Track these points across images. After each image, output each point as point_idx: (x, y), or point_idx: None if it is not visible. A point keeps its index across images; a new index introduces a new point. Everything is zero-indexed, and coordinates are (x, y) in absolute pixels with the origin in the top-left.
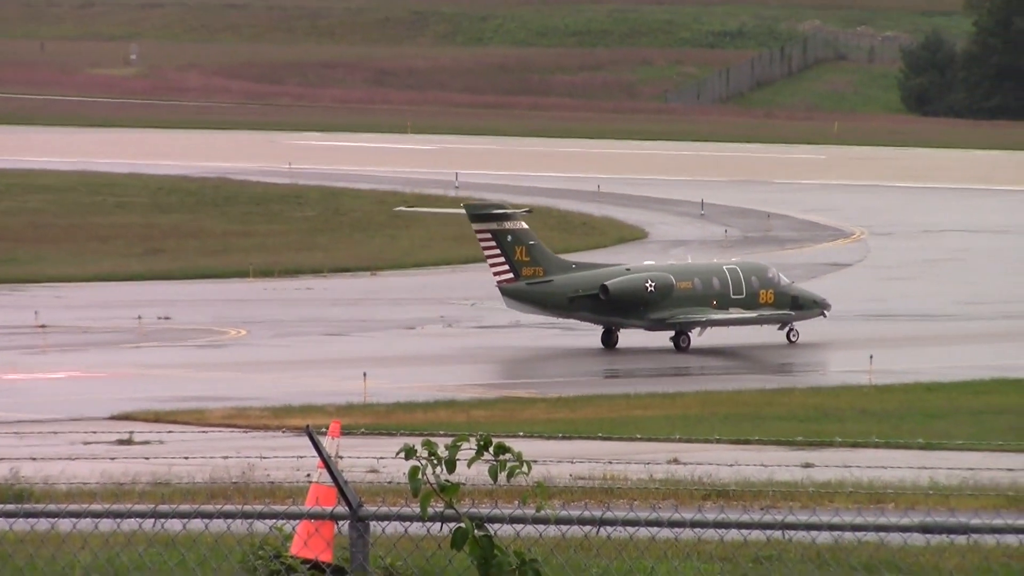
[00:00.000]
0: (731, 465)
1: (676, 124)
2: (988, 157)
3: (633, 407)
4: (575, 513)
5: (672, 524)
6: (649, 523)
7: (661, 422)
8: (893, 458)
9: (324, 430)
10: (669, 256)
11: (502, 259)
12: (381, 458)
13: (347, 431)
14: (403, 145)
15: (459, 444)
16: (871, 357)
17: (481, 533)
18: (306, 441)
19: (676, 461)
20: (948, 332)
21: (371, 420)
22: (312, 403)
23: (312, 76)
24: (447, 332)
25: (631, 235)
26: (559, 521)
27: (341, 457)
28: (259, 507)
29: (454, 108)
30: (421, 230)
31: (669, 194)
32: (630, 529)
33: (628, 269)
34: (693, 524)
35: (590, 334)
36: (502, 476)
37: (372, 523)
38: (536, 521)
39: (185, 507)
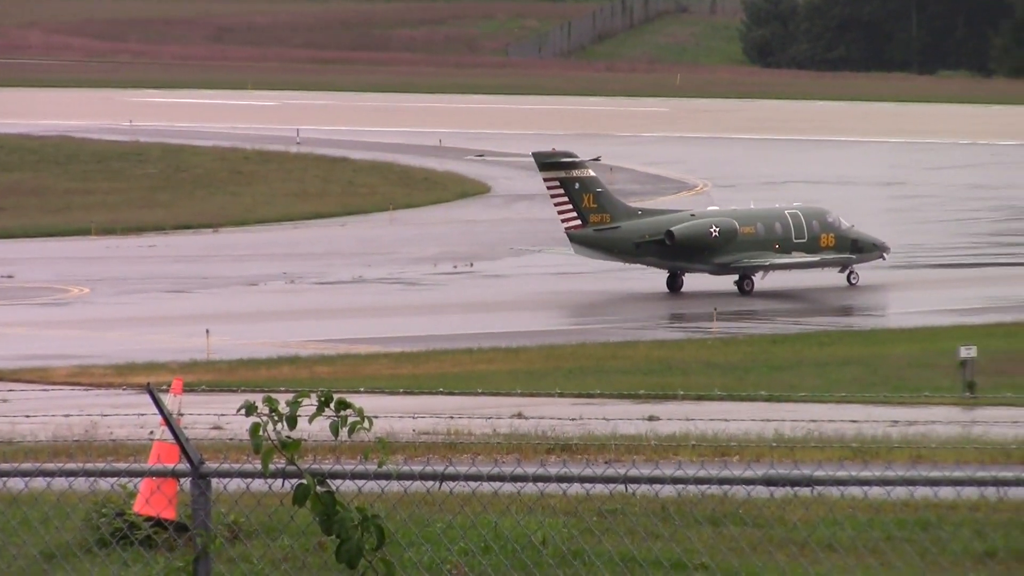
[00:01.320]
0: (575, 419)
1: (518, 78)
2: (831, 108)
3: (477, 362)
4: (417, 468)
5: (515, 479)
6: (492, 478)
7: (505, 376)
8: (738, 411)
9: (166, 388)
10: (511, 209)
11: (570, 206)
12: (223, 415)
13: (190, 388)
14: (244, 102)
15: (300, 400)
16: (715, 310)
17: (323, 489)
18: (149, 399)
19: (520, 415)
20: (785, 282)
21: (214, 377)
22: (155, 360)
23: (152, 33)
24: (290, 288)
25: (473, 190)
26: (401, 476)
27: (183, 415)
28: (101, 465)
29: (295, 64)
30: (263, 186)
31: (511, 147)
32: (473, 484)
33: (693, 215)
34: (536, 478)
35: (433, 289)
36: (343, 432)
37: (214, 480)
38: (378, 477)
39: (27, 465)
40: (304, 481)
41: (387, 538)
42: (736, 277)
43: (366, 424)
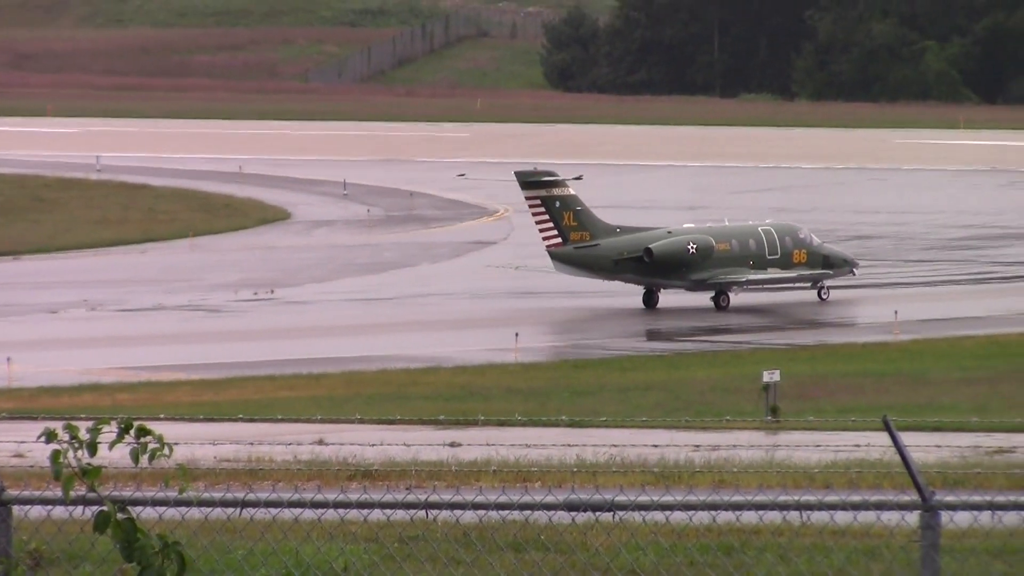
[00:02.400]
0: (376, 445)
1: (318, 104)
2: (634, 132)
3: (279, 388)
4: (218, 495)
5: (315, 505)
6: (292, 504)
7: (306, 403)
8: (540, 436)
9: None
10: (312, 236)
11: (551, 224)
12: (24, 442)
13: None
14: (44, 128)
15: (100, 427)
16: (516, 335)
17: (124, 516)
18: None
19: (321, 442)
20: (595, 310)
21: (15, 404)
22: None
23: None
24: (91, 315)
25: (274, 216)
26: (202, 503)
27: None
28: None
29: (95, 91)
30: (64, 213)
31: (312, 174)
32: (274, 511)
33: (670, 232)
34: (336, 505)
35: (234, 316)
36: (144, 459)
37: (16, 507)
38: (179, 504)
39: None
40: (105, 508)
41: (188, 565)
42: (712, 293)
43: (166, 451)
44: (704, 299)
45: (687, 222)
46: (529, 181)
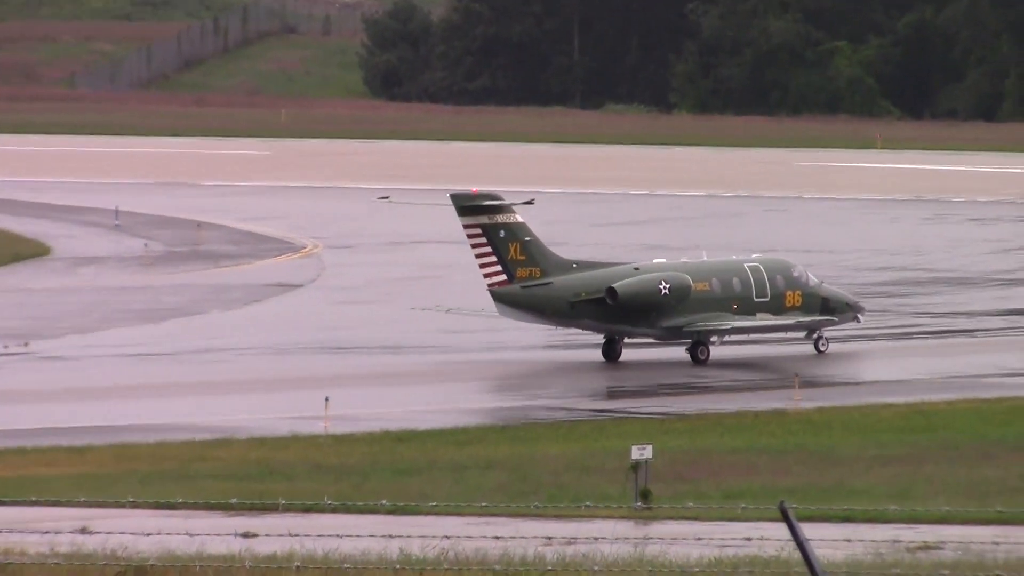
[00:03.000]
0: (152, 535)
1: (86, 113)
2: (474, 149)
3: (33, 463)
4: None
5: None
6: None
7: (68, 482)
8: (354, 525)
9: None
10: (76, 275)
11: (493, 258)
12: None
13: None
14: None
15: None
16: (327, 400)
17: None
18: None
19: (85, 530)
20: (423, 368)
21: None
22: None
23: None
24: None
25: (29, 251)
26: None
27: None
28: None
29: None
30: None
31: (77, 200)
32: None
33: (637, 268)
34: None
35: None
36: None
37: None
38: None
39: None
40: None
41: None
42: (688, 343)
43: None
44: (676, 351)
45: (652, 257)
46: (467, 206)
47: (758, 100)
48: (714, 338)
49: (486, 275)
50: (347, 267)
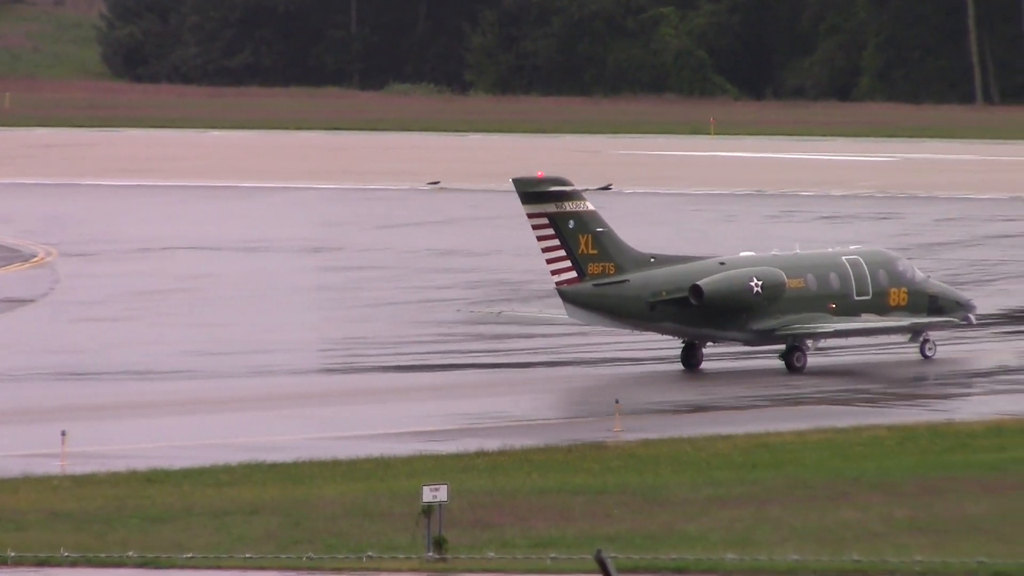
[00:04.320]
0: None
1: None
2: (234, 138)
3: None
4: None
5: None
6: None
7: None
8: None
9: None
10: None
11: (562, 252)
12: None
13: None
14: None
15: None
16: (64, 434)
17: None
18: None
19: None
20: (175, 396)
21: None
22: None
23: None
24: None
25: None
26: None
27: None
28: None
29: None
30: None
31: None
32: None
33: (723, 263)
34: None
35: None
36: None
37: None
38: None
39: None
40: None
41: None
42: (782, 348)
43: None
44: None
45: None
46: (532, 192)
47: (569, 78)
48: (809, 342)
49: (554, 272)
50: (86, 278)
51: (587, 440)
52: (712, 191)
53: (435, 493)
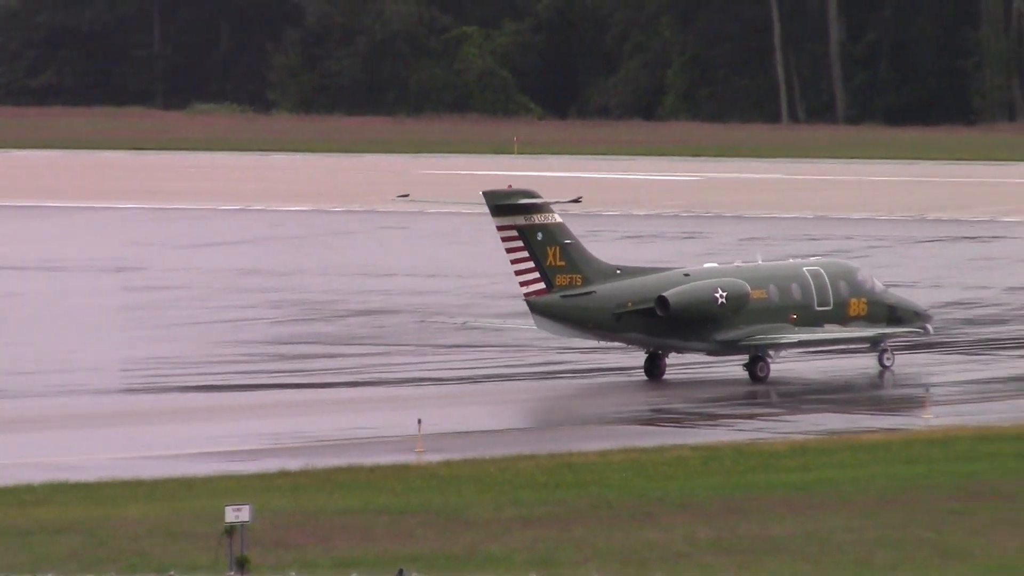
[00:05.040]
0: None
1: None
2: (35, 157)
3: None
4: None
5: None
6: None
7: None
8: None
9: None
10: None
11: (531, 264)
12: None
13: None
14: None
15: None
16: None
17: None
18: None
19: None
20: None
21: None
22: None
23: None
24: None
25: None
26: None
27: None
28: None
29: None
30: None
31: None
32: None
33: (687, 275)
34: None
35: None
36: None
37: None
38: None
39: None
40: None
41: None
42: (745, 358)
43: None
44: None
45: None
46: (501, 205)
47: (373, 98)
48: (771, 353)
49: (523, 283)
50: None
51: (390, 461)
52: None
53: (238, 513)
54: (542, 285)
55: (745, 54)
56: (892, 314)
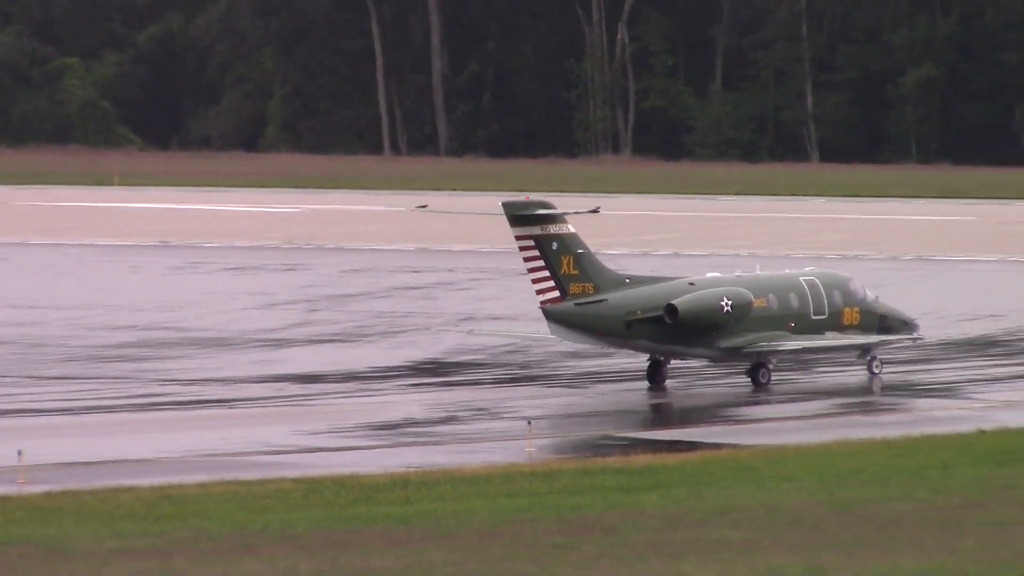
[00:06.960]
0: None
1: None
2: None
3: None
4: None
5: None
6: None
7: None
8: None
9: None
10: None
11: (547, 273)
12: None
13: None
14: None
15: None
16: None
17: None
18: None
19: None
20: None
21: None
22: None
23: None
24: None
25: None
26: None
27: None
28: None
29: None
30: None
31: None
32: None
33: (692, 283)
34: None
35: None
36: None
37: None
38: None
39: None
40: None
41: None
42: (747, 365)
43: None
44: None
45: None
46: (520, 215)
47: None
48: (771, 359)
49: (539, 291)
50: None
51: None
52: (118, 242)
53: None
54: (557, 293)
55: (348, 86)
56: (883, 323)
